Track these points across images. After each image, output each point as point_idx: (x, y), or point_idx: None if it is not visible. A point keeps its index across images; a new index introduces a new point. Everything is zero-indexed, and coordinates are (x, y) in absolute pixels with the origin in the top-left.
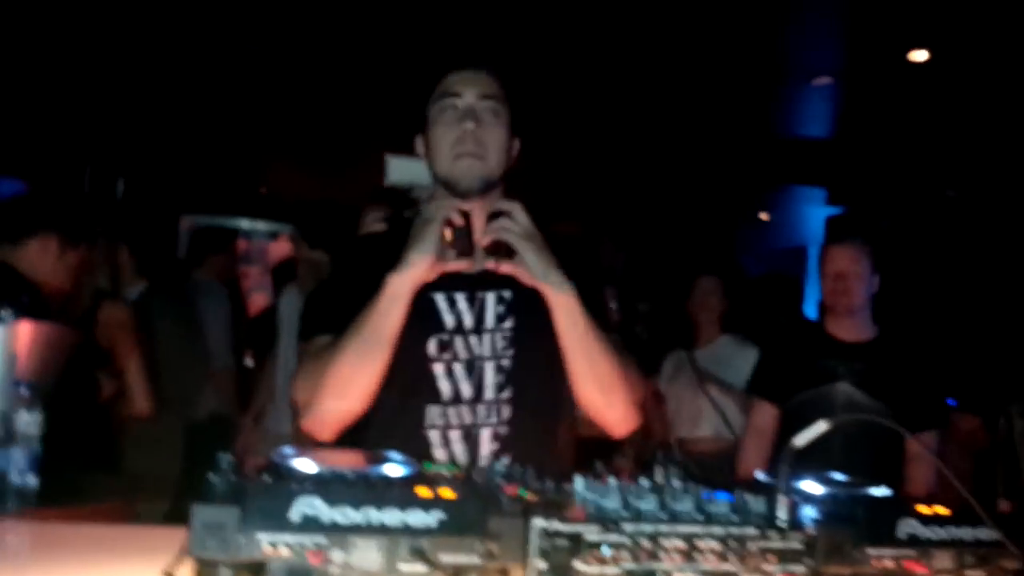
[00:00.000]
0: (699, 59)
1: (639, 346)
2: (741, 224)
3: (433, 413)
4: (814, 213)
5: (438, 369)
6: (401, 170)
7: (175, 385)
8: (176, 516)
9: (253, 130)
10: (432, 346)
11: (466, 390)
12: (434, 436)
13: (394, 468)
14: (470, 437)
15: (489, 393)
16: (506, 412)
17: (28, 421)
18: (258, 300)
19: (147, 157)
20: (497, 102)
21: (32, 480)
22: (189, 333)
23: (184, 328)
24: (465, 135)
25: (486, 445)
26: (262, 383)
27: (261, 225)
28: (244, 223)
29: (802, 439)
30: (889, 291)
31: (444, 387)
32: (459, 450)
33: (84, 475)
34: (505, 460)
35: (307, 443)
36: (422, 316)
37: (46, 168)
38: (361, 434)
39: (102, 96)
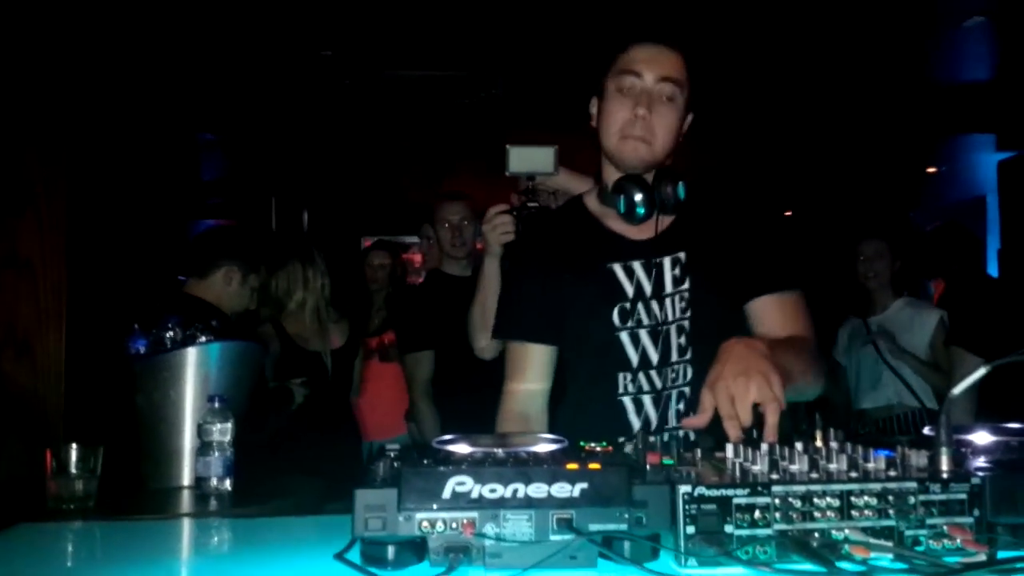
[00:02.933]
0: (845, 12)
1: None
2: (908, 181)
3: (624, 380)
4: (986, 160)
5: (624, 337)
6: (522, 159)
7: None
8: None
9: (421, 151)
10: (616, 315)
11: (653, 355)
12: (628, 402)
13: (543, 446)
14: (660, 400)
15: (674, 356)
16: (690, 373)
17: (221, 430)
18: None
19: (327, 190)
20: (675, 85)
21: (227, 484)
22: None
23: None
24: (636, 119)
25: (674, 407)
26: None
27: None
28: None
29: (960, 387)
30: None
31: (632, 354)
32: (652, 414)
33: (278, 477)
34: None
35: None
36: (603, 287)
37: (242, 208)
38: (561, 405)
39: (287, 144)
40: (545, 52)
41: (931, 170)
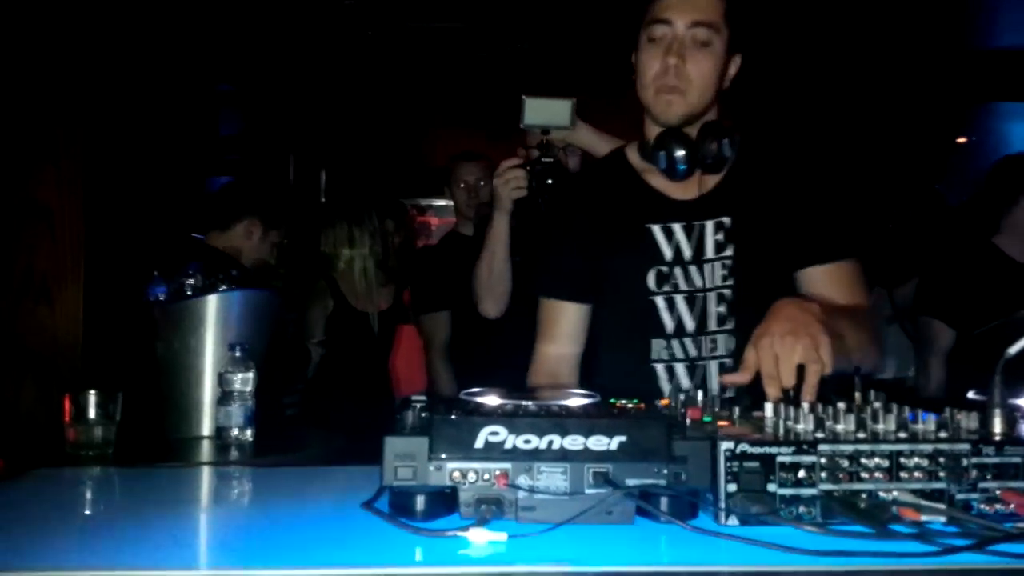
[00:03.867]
0: None
1: None
2: (937, 151)
3: (658, 346)
4: (1018, 131)
5: (660, 302)
6: (537, 111)
7: None
8: None
9: (439, 115)
10: (651, 279)
11: (689, 323)
12: (660, 369)
13: (576, 400)
14: (696, 370)
15: (712, 324)
16: (731, 344)
17: (243, 379)
18: None
19: (346, 150)
20: (709, 29)
21: (249, 434)
22: None
23: None
24: (668, 69)
25: (714, 378)
26: None
27: (451, 201)
28: (436, 201)
29: (1016, 347)
30: None
31: (667, 320)
32: (685, 383)
33: (300, 430)
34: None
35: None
36: (640, 249)
37: (260, 165)
38: (592, 369)
39: (307, 100)
40: (573, 6)
41: (961, 140)
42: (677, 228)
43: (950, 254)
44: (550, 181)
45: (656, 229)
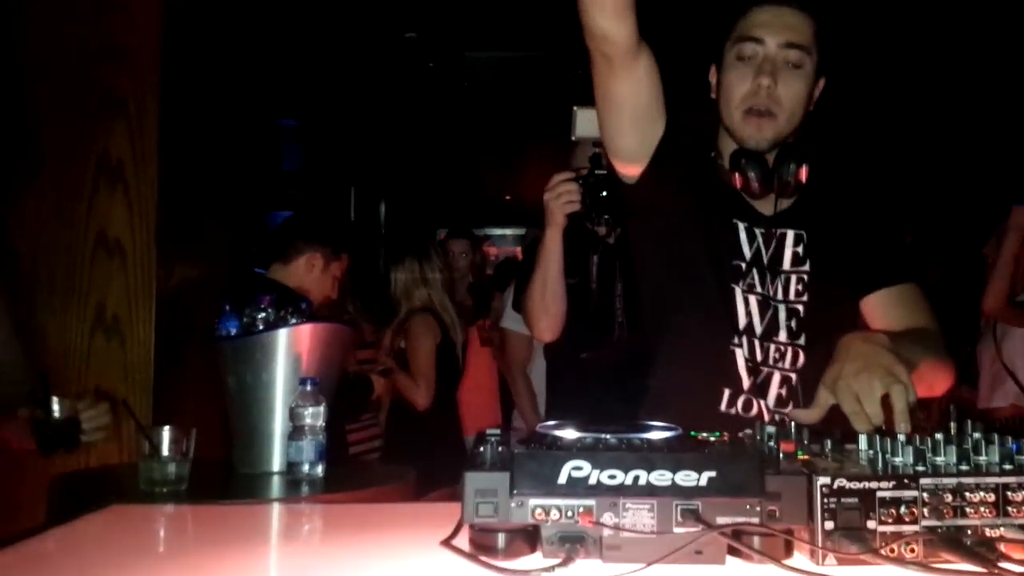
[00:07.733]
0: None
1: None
2: None
3: (732, 337)
4: None
5: (737, 293)
6: (589, 123)
7: None
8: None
9: (496, 145)
10: (731, 269)
11: (758, 325)
12: (739, 355)
13: (658, 433)
14: (758, 374)
15: (782, 335)
16: (800, 359)
17: (313, 414)
18: None
19: (406, 181)
20: (801, 51)
21: (320, 468)
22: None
23: None
24: (759, 90)
25: (774, 388)
26: None
27: (508, 231)
28: (494, 231)
29: None
30: None
31: (741, 314)
32: (747, 384)
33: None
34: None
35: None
36: (723, 240)
37: (322, 198)
38: (676, 351)
39: (368, 133)
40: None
41: None
42: (759, 232)
43: None
44: (604, 194)
45: (741, 227)
